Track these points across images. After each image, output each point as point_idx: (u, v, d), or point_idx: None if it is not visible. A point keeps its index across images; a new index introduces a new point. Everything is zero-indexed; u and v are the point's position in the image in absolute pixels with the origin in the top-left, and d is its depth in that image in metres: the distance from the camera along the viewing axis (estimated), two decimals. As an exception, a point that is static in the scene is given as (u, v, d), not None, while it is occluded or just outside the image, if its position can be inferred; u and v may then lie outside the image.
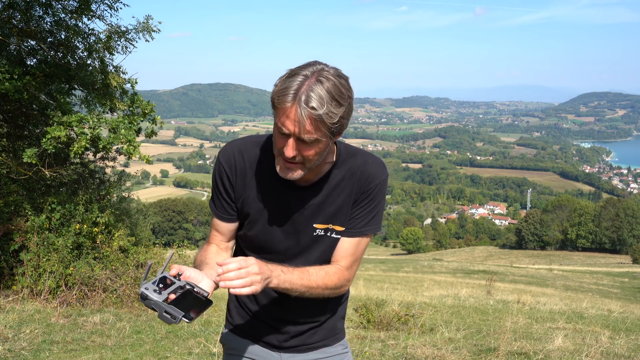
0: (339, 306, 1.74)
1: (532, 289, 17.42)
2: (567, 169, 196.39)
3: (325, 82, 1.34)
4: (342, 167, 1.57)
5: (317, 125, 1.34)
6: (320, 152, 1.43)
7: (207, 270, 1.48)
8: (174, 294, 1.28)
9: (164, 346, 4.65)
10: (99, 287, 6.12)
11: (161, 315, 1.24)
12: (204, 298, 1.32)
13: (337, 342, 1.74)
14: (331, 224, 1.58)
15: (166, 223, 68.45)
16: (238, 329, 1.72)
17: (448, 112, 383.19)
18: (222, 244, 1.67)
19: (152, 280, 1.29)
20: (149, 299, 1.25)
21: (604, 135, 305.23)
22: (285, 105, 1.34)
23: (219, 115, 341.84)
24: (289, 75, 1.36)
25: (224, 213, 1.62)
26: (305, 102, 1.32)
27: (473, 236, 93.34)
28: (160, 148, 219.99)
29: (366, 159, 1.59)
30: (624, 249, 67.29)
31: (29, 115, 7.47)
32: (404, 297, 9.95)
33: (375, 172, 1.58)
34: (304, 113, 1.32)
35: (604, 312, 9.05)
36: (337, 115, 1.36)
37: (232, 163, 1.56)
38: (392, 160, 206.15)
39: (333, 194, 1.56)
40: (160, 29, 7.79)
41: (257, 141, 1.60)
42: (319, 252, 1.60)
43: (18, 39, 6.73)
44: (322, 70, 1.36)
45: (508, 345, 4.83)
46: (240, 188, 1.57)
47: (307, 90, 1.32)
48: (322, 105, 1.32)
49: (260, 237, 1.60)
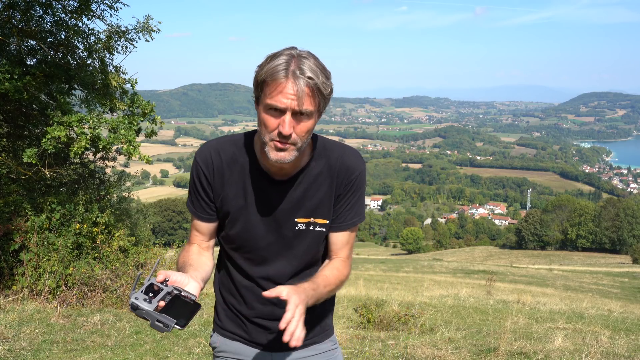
0: (328, 302, 1.74)
1: (532, 289, 17.42)
2: (567, 169, 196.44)
3: (310, 58, 1.40)
4: (319, 159, 1.58)
5: (315, 95, 1.39)
6: (311, 129, 1.45)
7: (192, 272, 1.48)
8: (163, 301, 1.28)
9: (164, 346, 4.65)
10: (99, 287, 6.12)
11: (153, 324, 1.25)
12: (192, 302, 1.33)
13: (327, 338, 1.74)
14: (313, 217, 1.58)
15: (166, 223, 68.42)
16: (227, 331, 1.71)
17: (448, 112, 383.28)
18: (203, 244, 1.67)
19: (140, 290, 1.29)
20: (140, 309, 1.25)
21: (604, 135, 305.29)
22: (280, 80, 1.36)
23: (219, 115, 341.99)
24: (272, 58, 1.40)
25: (203, 213, 1.62)
26: (301, 73, 1.36)
27: (473, 236, 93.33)
28: (160, 148, 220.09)
29: (343, 151, 1.61)
30: (624, 249, 67.30)
31: (29, 115, 7.47)
32: (404, 297, 9.95)
33: (353, 164, 1.60)
34: (302, 83, 1.36)
35: (604, 312, 9.05)
36: (329, 87, 1.42)
37: (209, 162, 1.57)
38: (392, 160, 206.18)
39: (313, 187, 1.57)
40: (160, 29, 7.79)
41: (233, 140, 1.61)
42: (304, 246, 1.61)
43: (18, 39, 6.73)
44: (300, 52, 1.42)
45: (508, 345, 4.83)
46: (218, 187, 1.58)
47: (298, 65, 1.37)
48: (317, 76, 1.38)
49: (242, 235, 1.60)
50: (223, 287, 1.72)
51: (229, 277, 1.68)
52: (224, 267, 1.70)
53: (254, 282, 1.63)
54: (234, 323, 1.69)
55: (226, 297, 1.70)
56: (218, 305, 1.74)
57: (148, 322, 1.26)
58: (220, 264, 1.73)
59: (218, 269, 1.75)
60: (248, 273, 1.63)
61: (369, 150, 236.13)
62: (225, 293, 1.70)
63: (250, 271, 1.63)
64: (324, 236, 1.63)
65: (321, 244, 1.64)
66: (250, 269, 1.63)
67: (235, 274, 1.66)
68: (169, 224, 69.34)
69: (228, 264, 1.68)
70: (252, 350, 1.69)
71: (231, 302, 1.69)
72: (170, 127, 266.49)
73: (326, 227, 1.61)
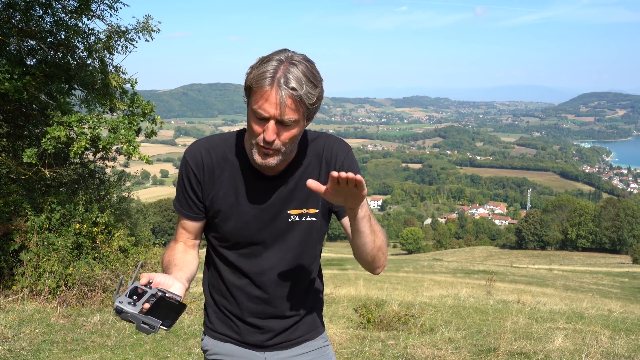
0: (318, 298, 1.76)
1: (532, 289, 17.42)
2: (567, 169, 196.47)
3: (299, 65, 1.39)
4: (307, 151, 1.61)
5: (297, 106, 1.39)
6: (296, 136, 1.46)
7: (177, 272, 1.48)
8: (148, 303, 1.28)
9: (164, 346, 4.65)
10: (99, 287, 6.11)
11: (139, 326, 1.25)
12: (177, 302, 1.33)
13: (318, 335, 1.75)
14: (305, 208, 1.60)
15: (166, 223, 68.41)
16: (219, 333, 1.70)
17: (448, 112, 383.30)
18: (189, 242, 1.68)
19: (124, 293, 1.29)
20: (125, 312, 1.25)
21: (604, 135, 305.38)
22: (264, 89, 1.37)
23: (219, 115, 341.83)
24: (262, 62, 1.40)
25: (190, 212, 1.63)
26: (285, 83, 1.36)
27: (473, 236, 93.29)
28: (160, 148, 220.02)
29: (326, 139, 1.64)
30: (624, 249, 67.30)
31: (29, 115, 7.47)
32: (404, 297, 9.95)
33: (338, 148, 1.62)
34: (284, 94, 1.36)
35: (604, 312, 9.05)
36: (314, 96, 1.41)
37: (199, 161, 1.57)
38: (392, 160, 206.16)
39: (303, 177, 1.58)
40: (160, 28, 7.79)
41: (223, 138, 1.62)
42: (298, 237, 1.62)
43: (18, 39, 6.73)
44: (292, 56, 1.41)
45: (508, 345, 4.83)
46: (208, 186, 1.58)
47: (285, 73, 1.36)
48: (301, 87, 1.37)
49: (235, 233, 1.60)
50: (213, 288, 1.71)
51: (219, 277, 1.67)
52: (214, 268, 1.70)
53: (248, 278, 1.63)
54: (225, 325, 1.69)
55: (216, 299, 1.69)
56: (208, 307, 1.73)
57: (134, 324, 1.26)
58: (209, 266, 1.72)
59: (207, 270, 1.75)
60: (242, 269, 1.63)
61: (369, 150, 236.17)
62: (216, 294, 1.70)
63: (245, 267, 1.62)
64: (316, 226, 1.64)
65: (313, 233, 1.65)
66: (244, 265, 1.62)
67: (227, 273, 1.65)
68: (169, 224, 69.33)
69: (218, 265, 1.67)
70: (244, 351, 1.68)
71: (222, 304, 1.68)
72: (170, 127, 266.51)
73: (317, 217, 1.62)
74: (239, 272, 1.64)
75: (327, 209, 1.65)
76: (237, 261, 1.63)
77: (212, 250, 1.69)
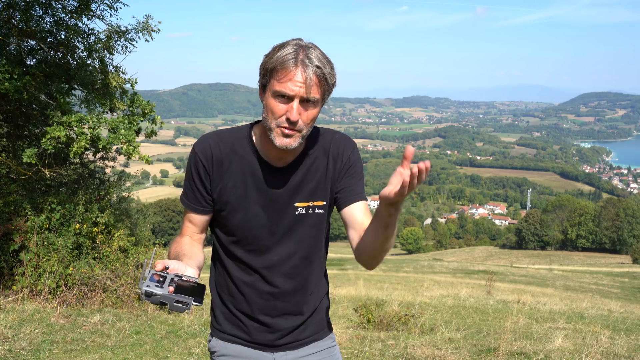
0: (325, 296, 1.76)
1: (532, 289, 17.42)
2: (567, 169, 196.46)
3: (316, 49, 1.46)
4: (314, 144, 1.63)
5: (322, 84, 1.45)
6: (315, 117, 1.50)
7: (187, 260, 1.49)
8: (171, 286, 1.31)
9: (164, 346, 4.64)
10: (99, 287, 6.11)
11: (172, 305, 1.28)
12: (196, 284, 1.36)
13: (326, 335, 1.75)
14: (312, 201, 1.61)
15: (166, 223, 68.39)
16: (227, 334, 1.69)
17: (448, 112, 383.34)
18: (195, 236, 1.68)
19: (148, 279, 1.32)
20: (155, 295, 1.28)
21: (604, 135, 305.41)
22: (289, 69, 1.41)
23: (219, 115, 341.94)
24: (280, 48, 1.44)
25: (197, 204, 1.63)
26: (310, 62, 1.42)
27: (473, 236, 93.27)
28: (160, 148, 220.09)
29: (333, 135, 1.67)
30: (624, 249, 67.28)
31: (29, 115, 7.47)
32: (404, 297, 9.95)
33: (345, 144, 1.65)
34: (311, 72, 1.41)
35: (604, 312, 9.05)
36: (334, 77, 1.48)
37: (209, 153, 1.58)
38: (392, 160, 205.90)
39: (311, 170, 1.61)
40: (160, 28, 7.78)
41: (232, 131, 1.64)
42: (305, 230, 1.62)
43: (18, 39, 6.73)
44: (306, 43, 1.47)
45: (508, 345, 4.83)
46: (217, 177, 1.59)
47: (307, 54, 1.42)
48: (324, 66, 1.44)
49: (244, 225, 1.60)
50: (220, 287, 1.70)
51: (226, 275, 1.67)
52: (221, 266, 1.69)
53: (257, 273, 1.62)
54: (233, 325, 1.68)
55: (224, 298, 1.69)
56: (215, 308, 1.72)
57: (165, 306, 1.29)
58: (216, 264, 1.72)
59: (213, 269, 1.74)
60: (250, 265, 1.62)
61: (369, 150, 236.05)
62: (223, 293, 1.69)
63: (253, 262, 1.62)
64: (323, 219, 1.64)
65: (321, 226, 1.65)
66: (252, 260, 1.62)
67: (234, 270, 1.65)
68: (169, 224, 69.32)
69: (225, 262, 1.66)
70: (253, 351, 1.67)
71: (230, 302, 1.67)
72: (170, 127, 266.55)
73: (324, 209, 1.63)
74: (247, 268, 1.63)
75: (332, 201, 1.66)
76: (245, 257, 1.62)
77: (219, 247, 1.68)
